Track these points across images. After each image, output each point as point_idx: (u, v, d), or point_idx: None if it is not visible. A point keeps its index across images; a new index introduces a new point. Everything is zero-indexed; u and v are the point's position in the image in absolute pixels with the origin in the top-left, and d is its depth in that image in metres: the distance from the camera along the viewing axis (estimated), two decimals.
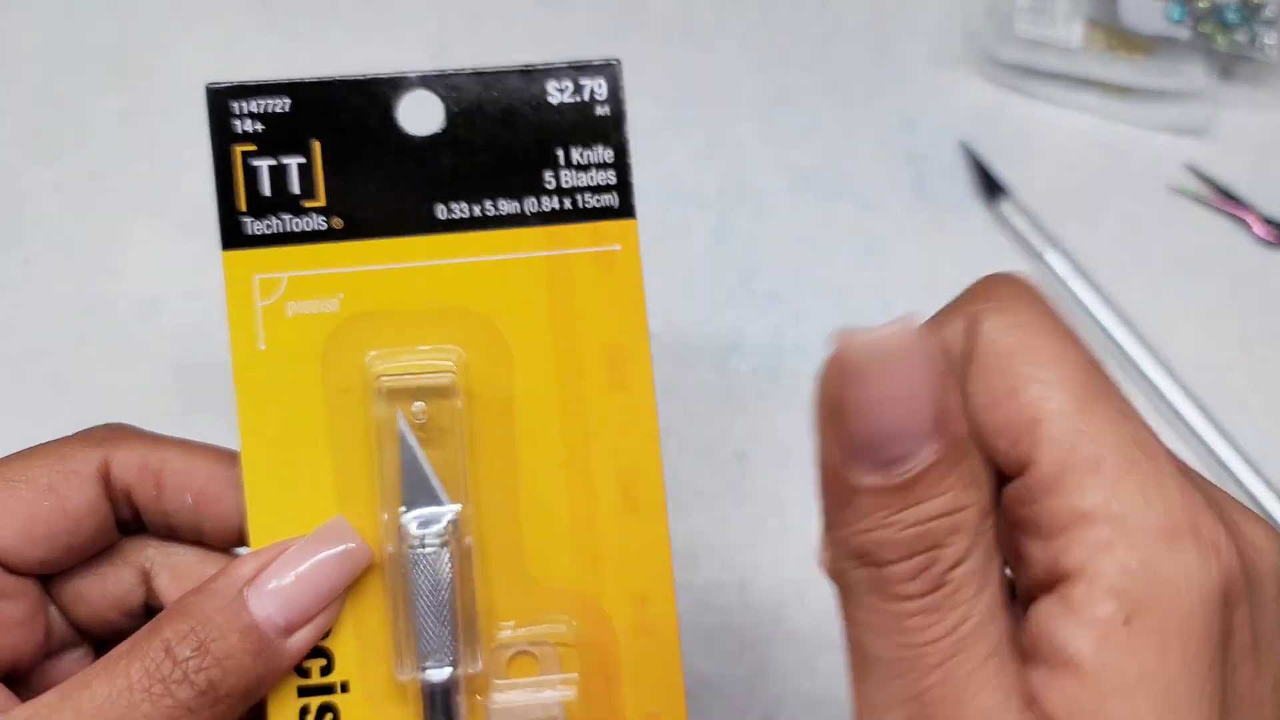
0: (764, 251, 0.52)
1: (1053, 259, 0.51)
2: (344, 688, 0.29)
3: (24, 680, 0.32)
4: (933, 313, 0.25)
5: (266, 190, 0.30)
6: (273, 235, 0.30)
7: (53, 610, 0.32)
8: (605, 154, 0.31)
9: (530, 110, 0.30)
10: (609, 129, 0.31)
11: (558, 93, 0.30)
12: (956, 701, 0.21)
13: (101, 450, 0.31)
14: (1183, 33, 0.54)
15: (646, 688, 0.30)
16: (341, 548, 0.29)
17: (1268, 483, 0.47)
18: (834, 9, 0.57)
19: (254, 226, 0.30)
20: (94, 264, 0.51)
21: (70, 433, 0.42)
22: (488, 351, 0.30)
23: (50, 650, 0.32)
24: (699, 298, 0.50)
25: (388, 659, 0.29)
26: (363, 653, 0.30)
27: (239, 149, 0.30)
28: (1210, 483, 0.24)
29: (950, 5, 0.57)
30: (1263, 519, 0.24)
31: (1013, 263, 0.52)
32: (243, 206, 0.30)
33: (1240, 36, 0.55)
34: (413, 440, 0.30)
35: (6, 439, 0.49)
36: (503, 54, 0.59)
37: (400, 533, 0.29)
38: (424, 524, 0.29)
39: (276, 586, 0.28)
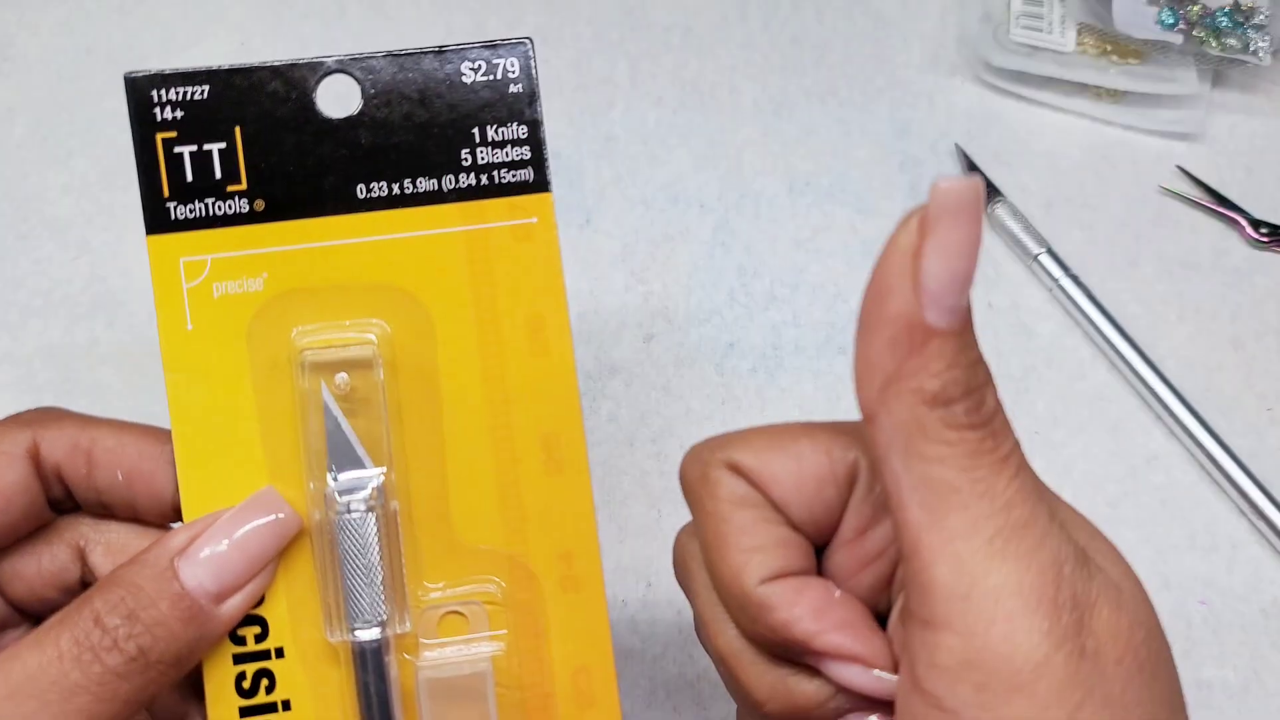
0: (763, 254, 0.52)
1: (1045, 261, 0.52)
2: (279, 653, 0.30)
3: None
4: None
5: (189, 176, 0.30)
6: (197, 219, 0.30)
7: None
8: (520, 131, 0.31)
9: (445, 90, 0.31)
10: (522, 106, 0.31)
11: (471, 72, 0.31)
12: (1038, 499, 0.24)
13: (30, 431, 0.31)
14: (1175, 38, 0.55)
15: (575, 642, 0.31)
16: (271, 516, 0.30)
17: (1258, 483, 0.48)
18: (831, 17, 0.58)
19: (178, 211, 0.30)
20: (104, 265, 0.52)
21: None
22: (410, 324, 0.31)
23: None
24: (699, 299, 0.51)
25: (320, 624, 0.30)
26: (296, 619, 0.30)
27: (161, 136, 0.30)
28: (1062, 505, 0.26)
29: (945, 12, 0.58)
30: (1119, 556, 0.26)
31: (1006, 264, 0.52)
32: (166, 192, 0.30)
33: (1232, 41, 0.55)
34: (336, 410, 0.30)
35: None
36: None
37: (326, 499, 0.30)
38: (349, 490, 0.30)
39: (207, 555, 0.29)
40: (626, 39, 0.56)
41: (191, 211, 0.30)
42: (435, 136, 0.31)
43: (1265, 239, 0.53)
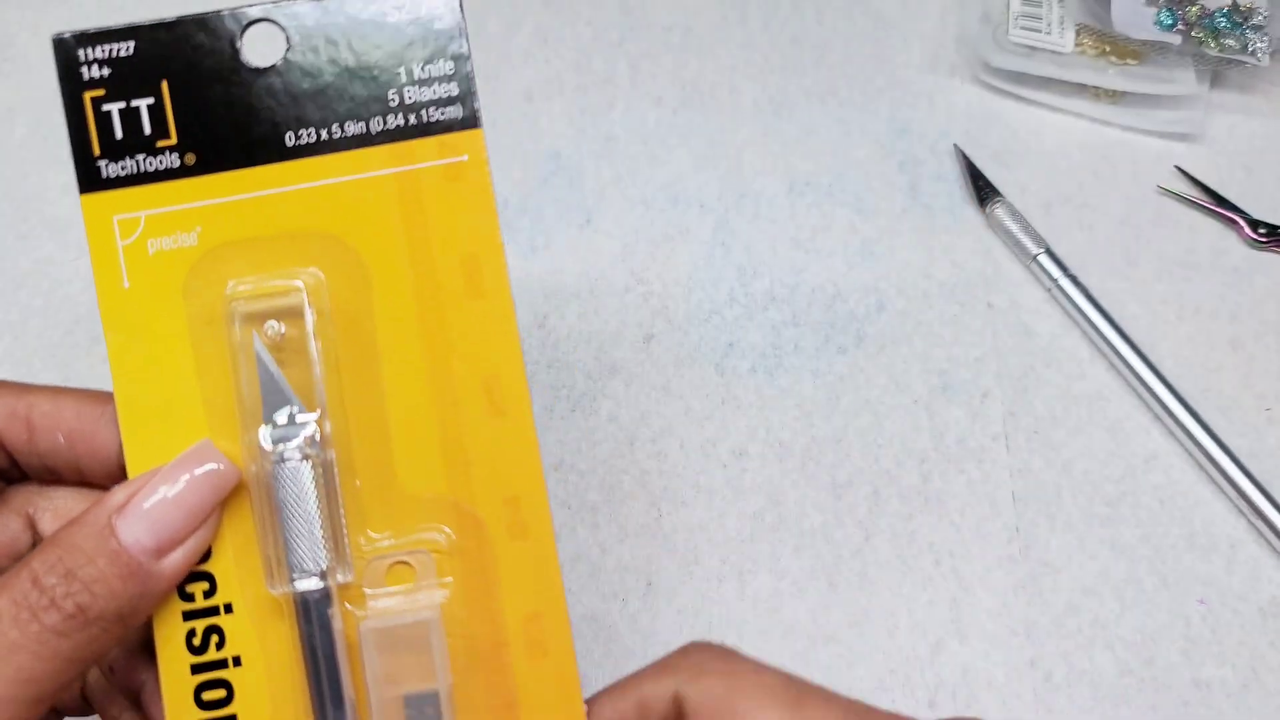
0: (762, 254, 0.52)
1: (1045, 261, 0.52)
2: (228, 609, 0.30)
3: None
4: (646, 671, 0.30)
5: (119, 133, 0.30)
6: (128, 176, 0.30)
7: None
8: (446, 67, 0.31)
9: (371, 30, 0.31)
10: (447, 41, 0.31)
11: (396, 11, 0.31)
12: None
13: None
14: (1174, 38, 0.55)
15: (525, 589, 0.31)
16: (207, 467, 0.29)
17: (1257, 483, 0.48)
18: (831, 17, 0.58)
19: (109, 169, 0.30)
20: None
21: None
22: (345, 271, 0.31)
23: None
24: (699, 298, 0.51)
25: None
26: (243, 574, 0.30)
27: (89, 95, 0.30)
28: None
29: (945, 12, 0.58)
30: None
31: (1005, 265, 0.52)
32: (97, 150, 0.30)
33: (1231, 42, 0.55)
34: (268, 358, 0.30)
35: None
36: (513, 57, 0.60)
37: (261, 448, 0.30)
38: (283, 438, 0.30)
39: (144, 510, 0.28)
40: (626, 39, 0.56)
41: (123, 169, 0.30)
42: (362, 78, 0.31)
43: (1264, 239, 0.53)
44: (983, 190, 0.53)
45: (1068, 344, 0.51)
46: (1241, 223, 0.53)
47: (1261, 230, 0.53)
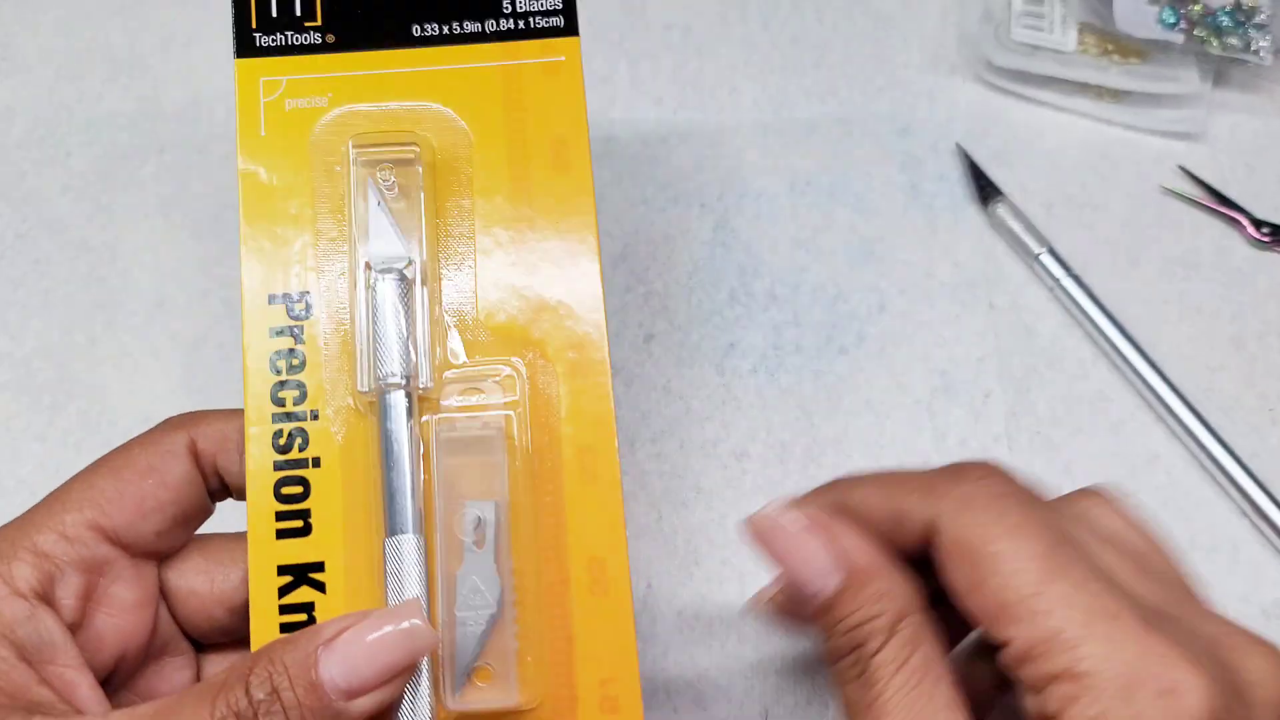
0: (763, 253, 0.52)
1: (1047, 260, 0.51)
2: (314, 415, 0.34)
3: (125, 683, 0.34)
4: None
5: (274, 12, 0.36)
6: (277, 47, 0.36)
7: (162, 610, 0.35)
8: None
9: None
10: None
11: None
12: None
13: (186, 430, 0.34)
14: (1176, 37, 0.55)
15: (580, 421, 0.35)
16: (406, 624, 0.30)
17: (1260, 483, 0.48)
18: (832, 16, 0.58)
19: (262, 40, 0.36)
20: (104, 266, 0.52)
21: (81, 430, 0.42)
22: (451, 138, 0.36)
23: (153, 652, 0.34)
24: (700, 298, 0.51)
25: (352, 382, 0.34)
26: (333, 385, 0.34)
27: None
28: (1208, 616, 0.30)
29: (946, 11, 0.58)
30: (1270, 648, 0.29)
31: (1007, 264, 0.52)
32: (254, 24, 0.36)
33: (1233, 41, 0.55)
34: (378, 196, 0.35)
35: (18, 436, 0.50)
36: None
37: (364, 269, 0.34)
38: (384, 264, 0.34)
39: (344, 652, 0.29)
40: (626, 39, 0.56)
41: (273, 41, 0.36)
42: None
43: (1267, 239, 0.53)
44: (985, 189, 0.53)
45: (1070, 343, 0.51)
46: (1244, 222, 0.53)
47: (1264, 230, 0.53)
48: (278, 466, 0.33)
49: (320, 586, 0.33)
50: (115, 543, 0.33)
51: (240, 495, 0.34)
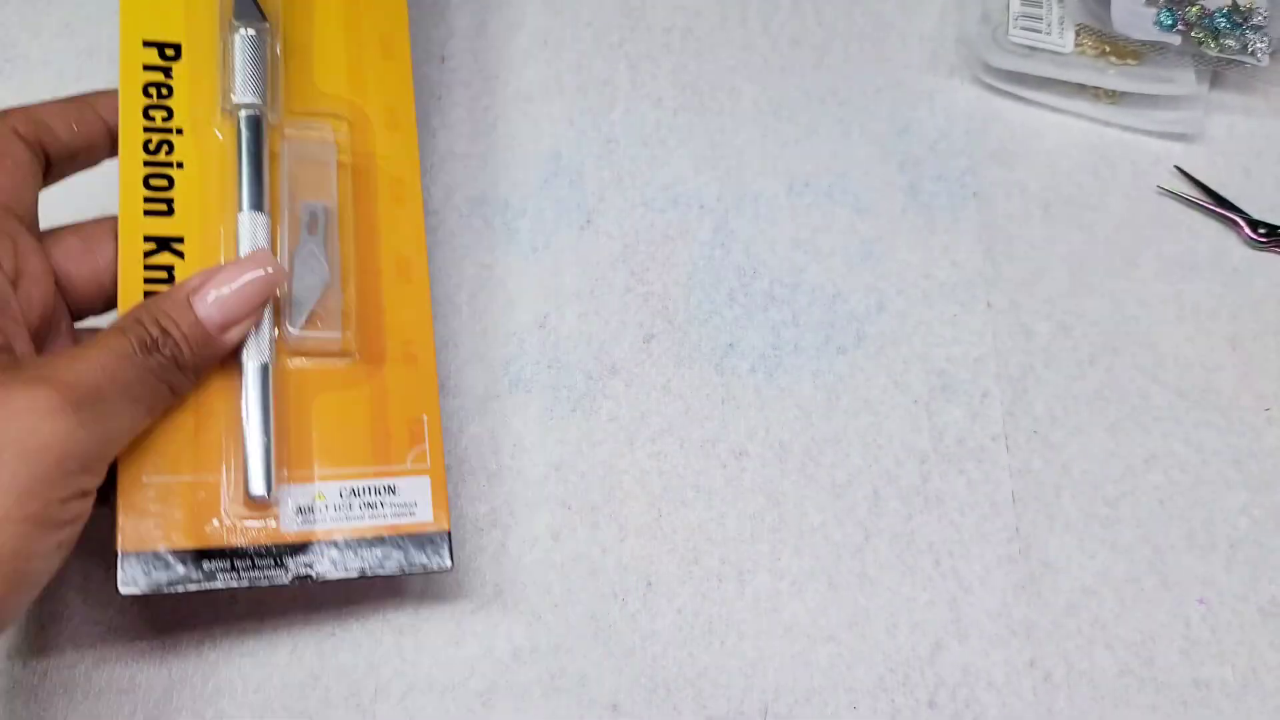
0: (762, 254, 0.52)
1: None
2: (179, 131, 0.41)
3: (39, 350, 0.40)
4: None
5: None
6: None
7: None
8: None
9: None
10: None
11: None
12: None
13: (5, 122, 0.39)
14: (1173, 39, 0.55)
15: (394, 159, 0.44)
16: (263, 271, 0.38)
17: (1253, 484, 0.48)
18: (830, 18, 0.58)
19: None
20: None
21: None
22: None
23: (53, 321, 0.40)
24: (699, 299, 0.51)
25: (216, 106, 0.42)
26: (194, 108, 0.42)
27: None
28: None
29: (945, 13, 0.58)
30: None
31: (1005, 265, 0.52)
32: None
33: (1230, 42, 0.55)
34: None
35: None
36: (513, 58, 0.59)
37: (230, 27, 0.42)
38: (242, 17, 0.42)
39: (215, 297, 0.38)
40: (626, 41, 0.57)
41: None
42: None
43: (1263, 239, 0.53)
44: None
45: (1067, 344, 0.51)
46: (1241, 223, 0.54)
47: (1261, 230, 0.53)
48: (146, 164, 0.41)
49: (180, 254, 0.40)
50: (19, 219, 0.38)
51: (65, 166, 0.41)
